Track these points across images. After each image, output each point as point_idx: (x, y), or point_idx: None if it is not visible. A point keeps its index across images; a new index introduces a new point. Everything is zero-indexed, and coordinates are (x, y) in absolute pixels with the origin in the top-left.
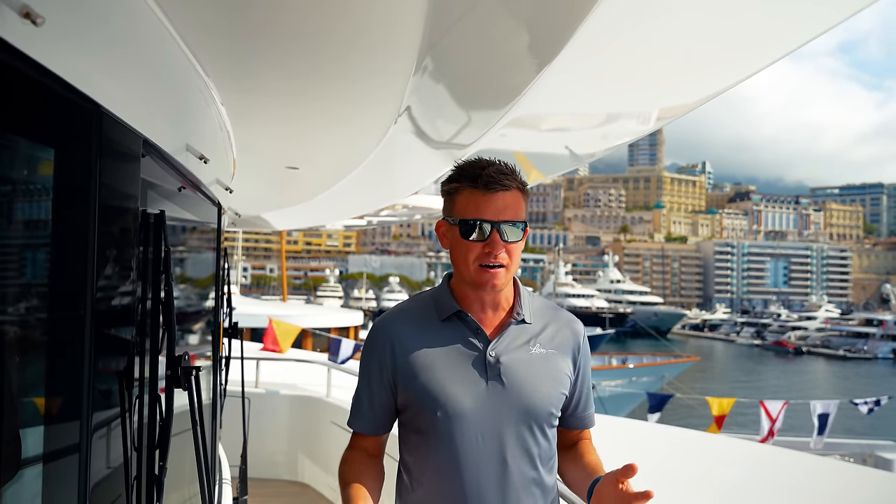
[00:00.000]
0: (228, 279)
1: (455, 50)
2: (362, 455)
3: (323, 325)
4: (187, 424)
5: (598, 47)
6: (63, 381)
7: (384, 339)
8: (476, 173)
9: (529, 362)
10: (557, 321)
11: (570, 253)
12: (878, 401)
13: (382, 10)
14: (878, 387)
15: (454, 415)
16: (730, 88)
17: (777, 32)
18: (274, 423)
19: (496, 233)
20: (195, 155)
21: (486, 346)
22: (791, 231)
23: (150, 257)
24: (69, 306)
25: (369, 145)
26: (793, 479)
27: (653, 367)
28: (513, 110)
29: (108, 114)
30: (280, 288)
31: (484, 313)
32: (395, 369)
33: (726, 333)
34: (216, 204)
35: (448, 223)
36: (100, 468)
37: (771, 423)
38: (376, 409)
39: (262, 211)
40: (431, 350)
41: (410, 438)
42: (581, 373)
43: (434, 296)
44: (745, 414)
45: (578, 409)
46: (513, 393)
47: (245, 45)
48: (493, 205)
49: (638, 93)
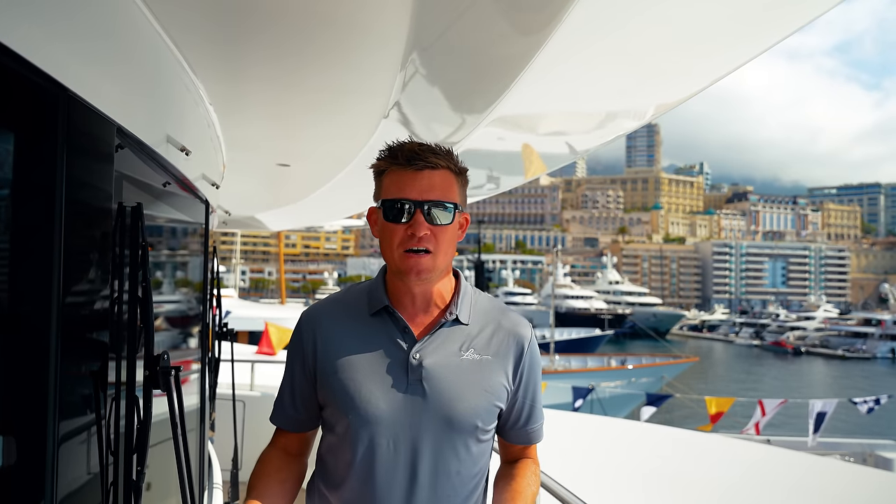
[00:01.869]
0: (218, 280)
1: (445, 41)
2: (279, 454)
3: None
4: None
5: (587, 39)
6: (28, 385)
7: (309, 330)
8: (403, 152)
9: (458, 369)
10: (500, 324)
11: (568, 254)
12: (878, 400)
13: (364, 4)
14: (877, 386)
15: (366, 419)
16: (727, 75)
17: (771, 18)
18: (269, 425)
19: (420, 213)
20: (176, 147)
21: (412, 346)
22: (789, 231)
23: (126, 253)
24: (33, 306)
25: (360, 141)
26: (793, 480)
27: (652, 367)
28: (503, 105)
29: (77, 98)
30: (278, 291)
31: (415, 309)
32: (315, 363)
33: (725, 334)
34: (203, 201)
35: (376, 209)
36: (73, 475)
37: (761, 417)
38: (298, 404)
39: (255, 211)
40: (354, 346)
41: (327, 436)
42: (524, 383)
43: (368, 288)
44: (745, 414)
45: (520, 423)
46: (433, 401)
47: (230, 37)
48: (418, 183)
49: (632, 85)
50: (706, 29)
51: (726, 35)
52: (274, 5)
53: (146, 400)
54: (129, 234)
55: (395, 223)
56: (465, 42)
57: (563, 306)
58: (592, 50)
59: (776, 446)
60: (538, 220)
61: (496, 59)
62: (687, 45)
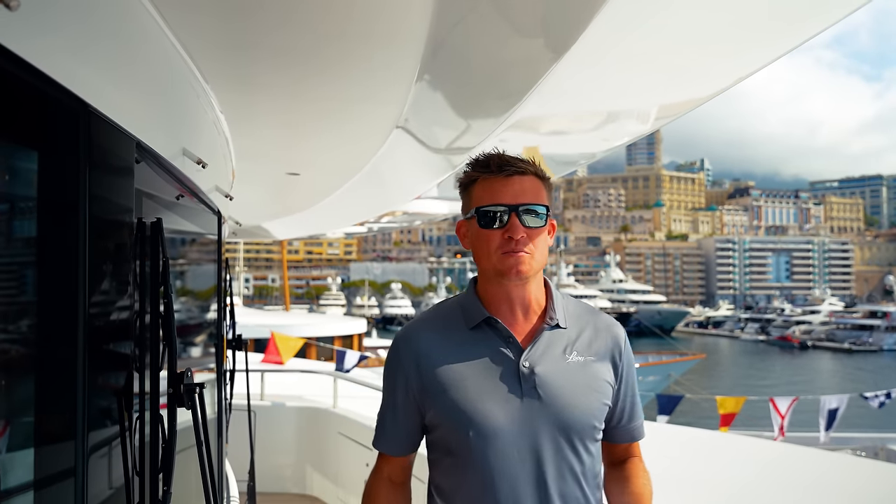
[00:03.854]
0: (230, 290)
1: (459, 52)
2: (387, 486)
3: (326, 333)
4: (191, 443)
5: (602, 48)
6: (56, 402)
7: (408, 352)
8: (487, 160)
9: (567, 372)
10: (595, 325)
11: (571, 254)
12: (889, 394)
13: (385, 10)
14: (885, 379)
15: (487, 433)
16: (735, 84)
17: (781, 27)
18: (280, 435)
19: (515, 217)
20: (192, 160)
21: (518, 355)
22: (791, 225)
23: (147, 269)
24: (60, 324)
25: (372, 149)
26: (807, 476)
27: (659, 365)
28: (517, 112)
29: (98, 114)
30: (282, 298)
31: (514, 318)
32: (421, 385)
33: (730, 330)
34: (216, 212)
35: (467, 221)
36: (98, 494)
37: (781, 420)
38: (401, 427)
39: (262, 220)
40: (460, 363)
41: (441, 459)
42: (624, 380)
43: (461, 302)
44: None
45: (623, 421)
46: (550, 406)
47: (242, 45)
48: (510, 189)
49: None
50: (725, 31)
51: (739, 40)
52: (288, 15)
53: (170, 418)
54: (150, 250)
55: (492, 229)
56: (483, 52)
57: None
58: (609, 59)
59: (787, 443)
60: None
61: (512, 68)
62: (708, 47)
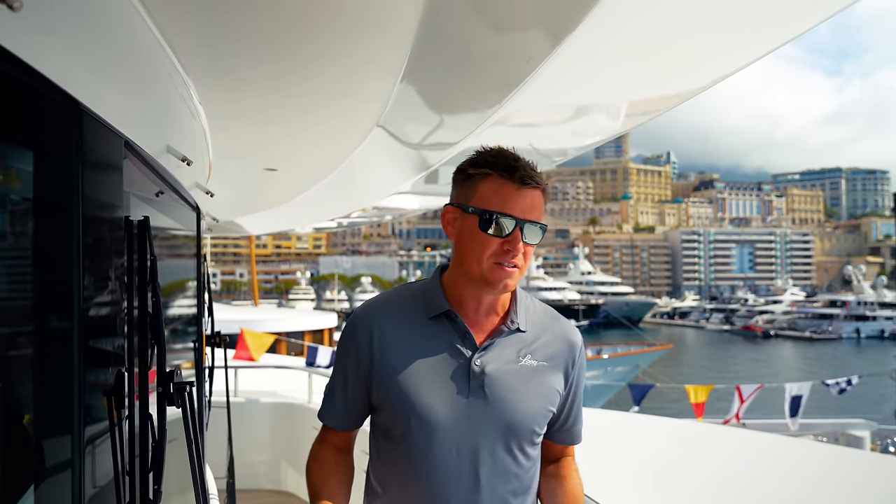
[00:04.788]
0: (209, 286)
1: (446, 50)
2: (333, 452)
3: (296, 328)
4: (175, 442)
5: (588, 48)
6: (52, 400)
7: (365, 329)
8: (511, 164)
9: (517, 375)
10: (554, 331)
11: (540, 246)
12: (850, 380)
13: (373, 6)
14: (844, 366)
15: (428, 425)
16: (719, 81)
17: (768, 25)
18: (255, 432)
19: (519, 231)
20: (177, 157)
21: (472, 353)
22: (755, 217)
23: (135, 267)
24: (56, 323)
25: (351, 146)
26: (771, 463)
27: (627, 356)
28: (500, 111)
29: (89, 112)
30: (251, 293)
31: (476, 315)
32: (371, 364)
33: (696, 320)
34: (195, 208)
35: (461, 210)
36: (91, 492)
37: (740, 405)
38: (350, 403)
39: (237, 215)
40: (413, 350)
41: (381, 442)
42: (573, 388)
43: (424, 290)
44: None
45: (567, 424)
46: (495, 408)
47: (227, 42)
48: (522, 201)
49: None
50: (714, 25)
51: (726, 36)
52: (275, 11)
53: (160, 417)
54: (138, 248)
55: (492, 235)
56: (470, 50)
57: (538, 298)
58: (596, 59)
59: (752, 430)
60: None
61: (500, 66)
62: (697, 40)
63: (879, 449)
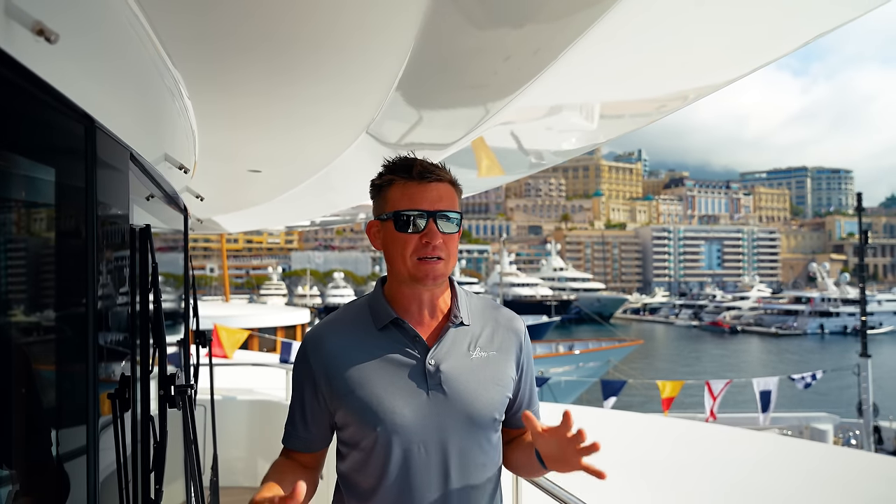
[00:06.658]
0: (195, 286)
1: (442, 61)
2: (293, 463)
3: (268, 324)
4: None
5: (580, 67)
6: (68, 406)
7: (317, 354)
8: (409, 165)
9: (471, 368)
10: (497, 321)
11: (513, 242)
12: (815, 375)
13: (370, 14)
14: (808, 361)
15: (395, 428)
16: (722, 88)
17: (773, 34)
18: (232, 429)
19: (433, 223)
20: (174, 165)
21: (425, 354)
22: (723, 215)
23: (137, 273)
24: (72, 331)
25: (338, 149)
26: (739, 456)
27: (598, 352)
28: (492, 119)
29: (101, 127)
30: (221, 288)
31: (421, 318)
32: (329, 387)
33: (666, 316)
34: (183, 210)
35: (380, 221)
36: (107, 495)
37: (713, 402)
38: (311, 427)
39: (215, 214)
40: (367, 363)
41: (349, 453)
42: (524, 371)
43: (369, 303)
44: (693, 395)
45: (523, 408)
46: (455, 401)
47: (219, 46)
48: (429, 195)
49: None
50: (714, 27)
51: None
52: (266, 19)
53: (162, 419)
54: (140, 255)
55: (408, 233)
56: (467, 62)
57: (510, 294)
58: (596, 59)
59: (722, 424)
60: (483, 210)
61: (496, 76)
62: (698, 45)
63: (842, 442)
